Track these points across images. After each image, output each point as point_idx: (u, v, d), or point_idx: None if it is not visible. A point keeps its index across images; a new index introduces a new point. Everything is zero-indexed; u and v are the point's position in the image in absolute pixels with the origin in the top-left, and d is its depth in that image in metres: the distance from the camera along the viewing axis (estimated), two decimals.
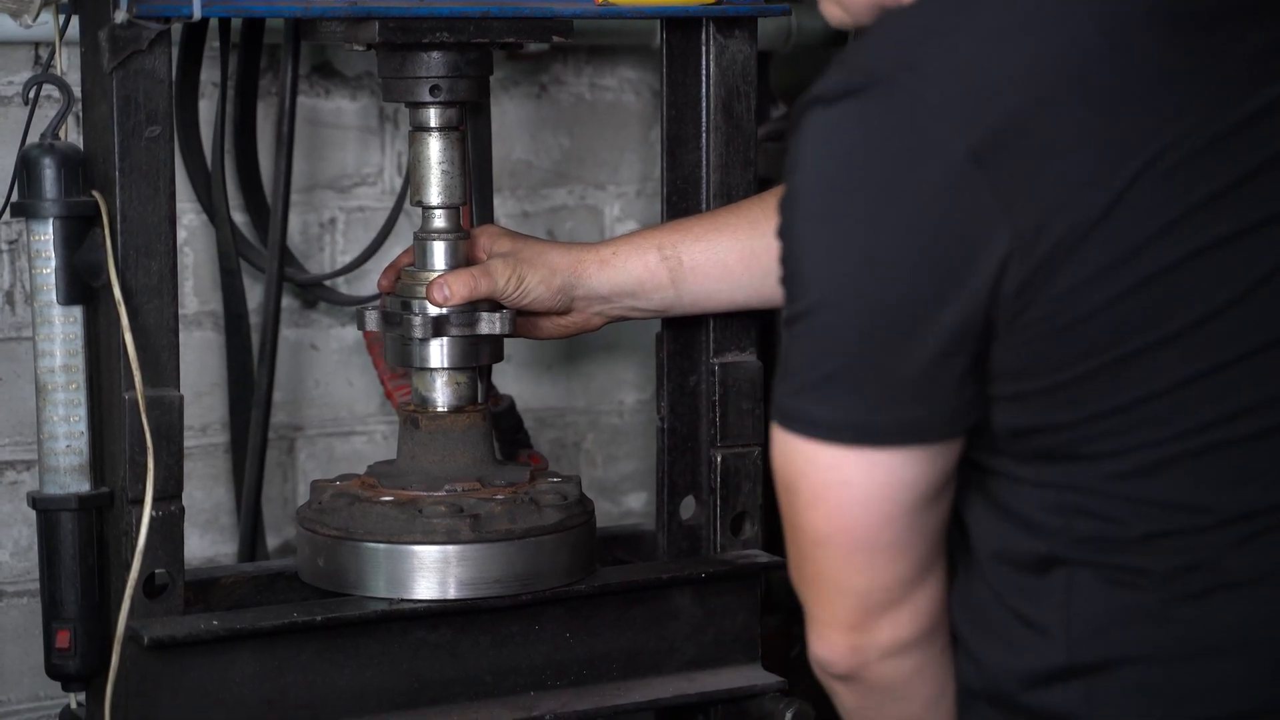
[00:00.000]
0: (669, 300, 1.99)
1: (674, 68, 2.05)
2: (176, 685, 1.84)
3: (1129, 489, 1.41)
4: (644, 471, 2.58)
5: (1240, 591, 1.41)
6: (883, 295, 1.38)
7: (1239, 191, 1.38)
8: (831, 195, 1.39)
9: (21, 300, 2.23)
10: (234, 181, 2.31)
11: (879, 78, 1.37)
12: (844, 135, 1.38)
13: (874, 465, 1.41)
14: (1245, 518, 1.41)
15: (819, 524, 1.44)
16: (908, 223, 1.37)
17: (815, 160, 1.40)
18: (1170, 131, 1.36)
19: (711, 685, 2.02)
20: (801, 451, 1.43)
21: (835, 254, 1.40)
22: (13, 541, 2.25)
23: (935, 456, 1.43)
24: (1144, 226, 1.36)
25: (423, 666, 1.93)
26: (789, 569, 1.51)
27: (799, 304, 1.42)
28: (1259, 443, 1.40)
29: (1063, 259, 1.36)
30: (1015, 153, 1.35)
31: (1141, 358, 1.38)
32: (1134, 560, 1.42)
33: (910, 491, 1.43)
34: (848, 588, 1.46)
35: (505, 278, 1.95)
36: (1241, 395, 1.39)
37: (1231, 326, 1.38)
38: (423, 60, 1.95)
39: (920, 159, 1.36)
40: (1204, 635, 1.41)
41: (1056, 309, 1.37)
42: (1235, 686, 1.42)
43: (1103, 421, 1.40)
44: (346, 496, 1.96)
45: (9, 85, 2.21)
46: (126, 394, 1.83)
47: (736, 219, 1.98)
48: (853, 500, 1.42)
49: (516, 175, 2.49)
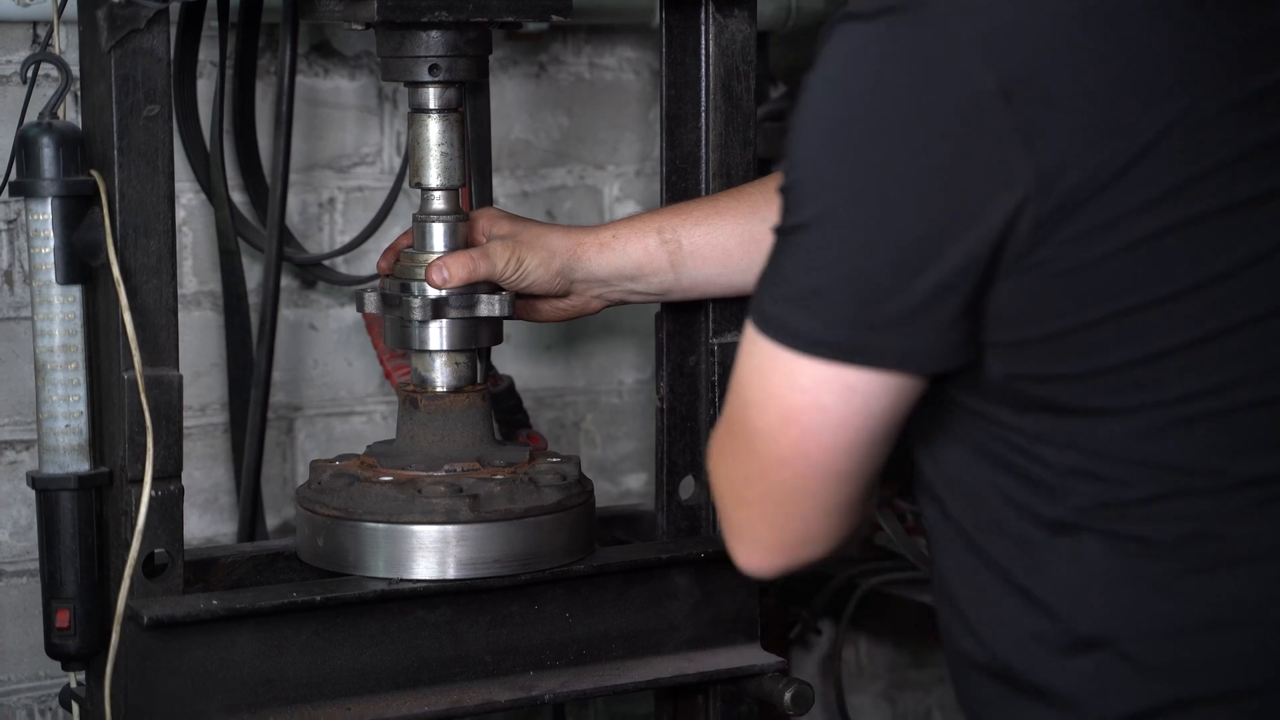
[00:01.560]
0: (668, 284, 1.99)
1: (673, 47, 2.05)
2: (176, 664, 1.84)
3: (1130, 450, 1.41)
4: (643, 451, 2.58)
5: (1247, 566, 1.41)
6: (894, 218, 1.37)
7: (1259, 156, 1.38)
8: (852, 111, 1.38)
9: (20, 280, 2.23)
10: (233, 161, 2.30)
11: (913, 2, 1.36)
12: (874, 52, 1.37)
13: (852, 390, 1.40)
14: (1252, 484, 1.41)
15: (782, 447, 1.43)
16: (930, 148, 1.36)
17: (840, 74, 1.38)
18: (1196, 90, 1.36)
19: (711, 665, 2.02)
20: (779, 367, 1.42)
21: (848, 169, 1.38)
22: (12, 521, 2.25)
23: (908, 391, 1.42)
24: (1164, 180, 1.36)
25: (422, 646, 1.93)
26: (720, 486, 1.51)
27: (799, 214, 1.40)
28: (1265, 409, 1.40)
29: (1080, 204, 1.35)
30: (1044, 92, 1.35)
31: (1146, 313, 1.38)
32: (1138, 527, 1.42)
33: (878, 422, 1.42)
34: (794, 511, 1.46)
35: (504, 260, 1.95)
36: (1249, 361, 1.39)
37: (1241, 290, 1.38)
38: (421, 39, 1.95)
39: (949, 86, 1.35)
40: (1210, 610, 1.41)
41: (1065, 253, 1.36)
42: (1242, 661, 1.41)
43: (1106, 377, 1.40)
44: (346, 476, 1.96)
45: (7, 64, 2.21)
46: (125, 374, 1.83)
47: (737, 203, 1.98)
48: (824, 424, 1.41)
49: (516, 155, 2.48)
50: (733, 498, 1.50)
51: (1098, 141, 1.35)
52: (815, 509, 1.46)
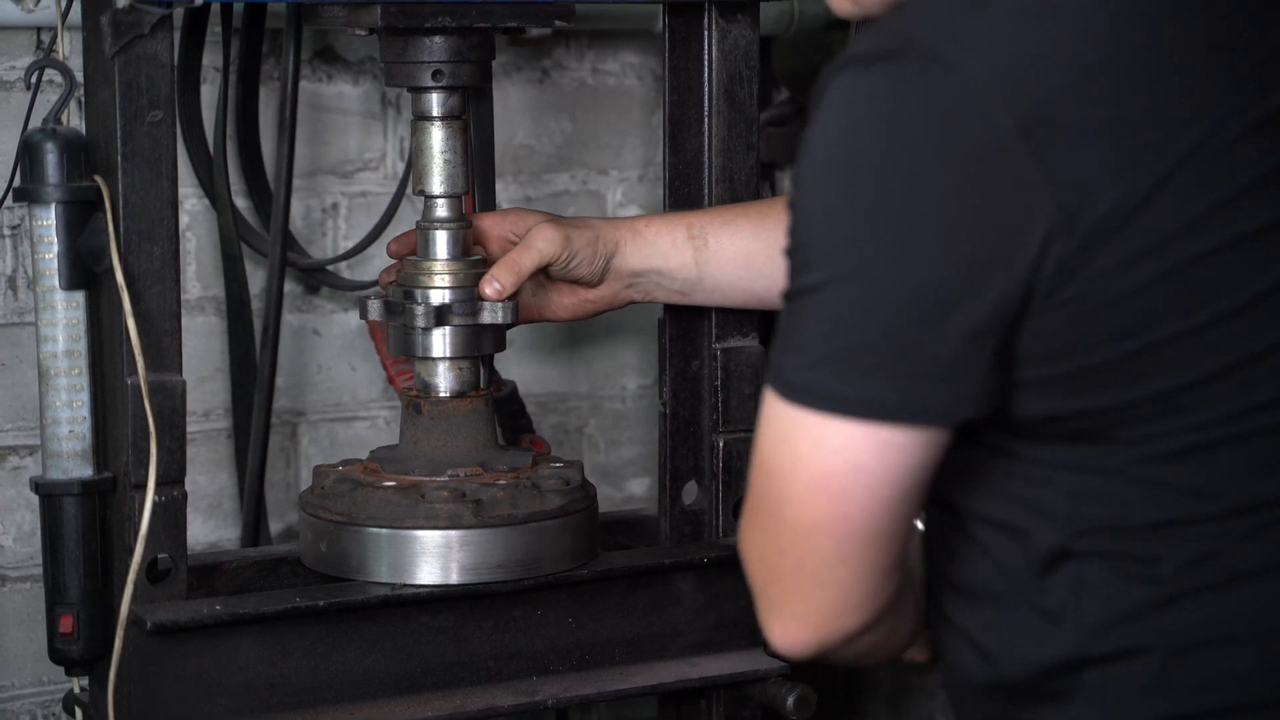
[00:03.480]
0: (691, 281, 1.98)
1: (676, 52, 2.05)
2: (179, 670, 1.84)
3: (1148, 473, 1.39)
4: (646, 456, 2.58)
5: (1251, 581, 1.40)
6: (922, 268, 1.32)
7: (1269, 184, 1.36)
8: (868, 161, 1.33)
9: (24, 285, 2.23)
10: (236, 167, 2.31)
11: (919, 45, 1.32)
12: (880, 100, 1.32)
13: (889, 447, 1.36)
14: (1260, 507, 1.40)
15: (815, 513, 1.38)
16: (954, 193, 1.31)
17: (845, 125, 1.33)
18: (1209, 119, 1.34)
19: (714, 670, 2.02)
20: (808, 433, 1.36)
21: (869, 221, 1.33)
22: (16, 526, 2.25)
23: (942, 440, 1.38)
24: (1183, 213, 1.34)
25: (425, 651, 1.93)
26: (750, 562, 1.45)
27: (813, 275, 1.35)
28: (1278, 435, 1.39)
29: (1103, 240, 1.33)
30: (1061, 129, 1.31)
31: (1172, 345, 1.36)
32: (1144, 549, 1.40)
33: (914, 476, 1.38)
34: (829, 580, 1.41)
35: (550, 241, 1.93)
36: (1269, 386, 1.38)
37: (1262, 318, 1.37)
38: (425, 45, 1.95)
39: (964, 129, 1.30)
40: (1215, 625, 1.40)
41: (1090, 290, 1.34)
42: (1247, 675, 1.41)
43: (1131, 409, 1.37)
44: (349, 482, 1.96)
45: (11, 70, 2.21)
46: (129, 379, 1.83)
47: (769, 210, 1.98)
48: (860, 485, 1.37)
49: (519, 160, 2.49)
50: (765, 574, 1.44)
51: (1117, 175, 1.32)
52: (852, 576, 1.41)
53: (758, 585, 1.46)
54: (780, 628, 1.45)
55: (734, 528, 2.08)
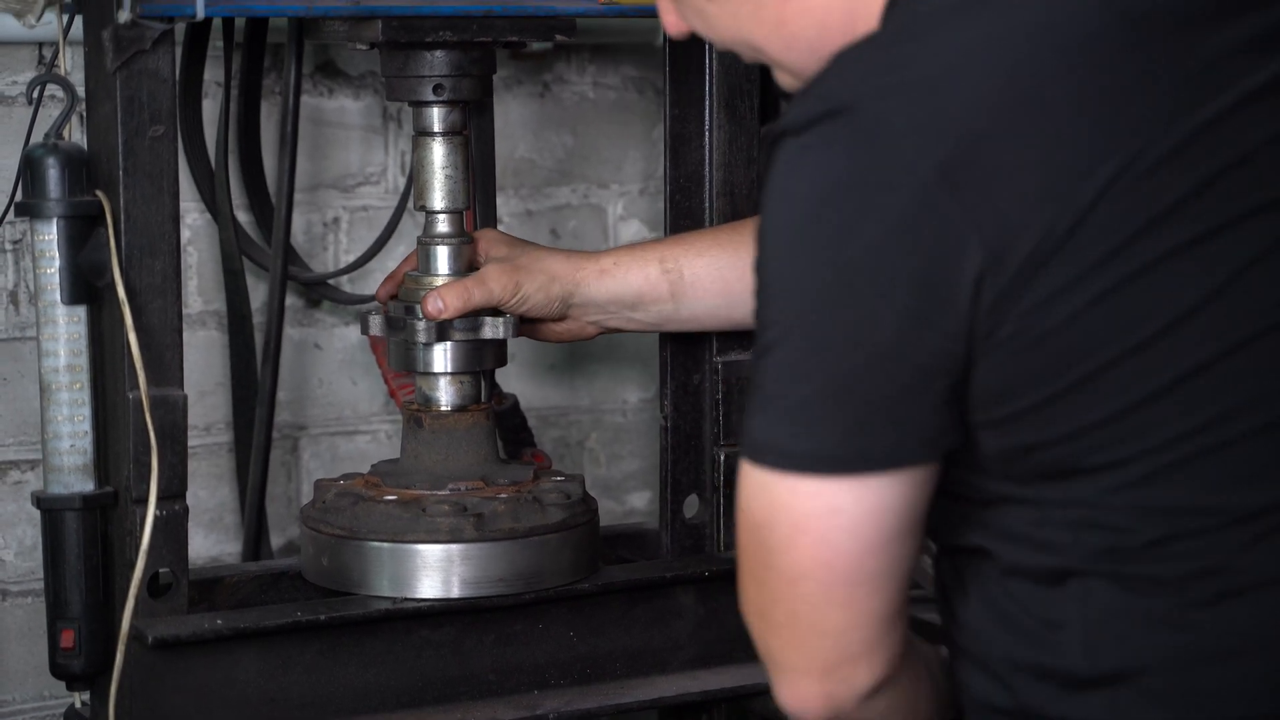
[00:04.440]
0: (666, 314, 1.99)
1: (677, 66, 2.05)
2: (180, 684, 1.84)
3: (1132, 498, 1.40)
4: (647, 470, 2.58)
5: (1255, 594, 1.41)
6: (864, 317, 1.36)
7: (1201, 197, 1.37)
8: (801, 222, 1.37)
9: (26, 300, 2.23)
10: (238, 181, 2.31)
11: (844, 105, 1.37)
12: (812, 163, 1.37)
13: (864, 489, 1.39)
14: (1252, 516, 1.40)
15: (798, 559, 1.40)
16: (886, 243, 1.35)
17: (784, 190, 1.38)
18: (1133, 142, 1.36)
19: (715, 683, 2.02)
20: (781, 484, 1.40)
21: (806, 279, 1.37)
22: (17, 541, 2.25)
23: (916, 481, 1.41)
24: (1109, 239, 1.36)
25: (426, 665, 1.93)
26: (750, 620, 1.47)
27: (769, 334, 1.40)
28: (1256, 440, 1.40)
29: (1031, 274, 1.35)
30: (980, 171, 1.35)
31: (1118, 367, 1.37)
32: (1146, 569, 1.41)
33: (895, 517, 1.40)
34: (825, 628, 1.43)
35: (501, 286, 1.95)
36: (1232, 393, 1.39)
37: (1204, 329, 1.38)
38: (426, 59, 1.95)
39: (890, 181, 1.35)
40: (1221, 639, 1.41)
41: (1027, 324, 1.36)
42: (1253, 689, 1.41)
43: (1094, 433, 1.39)
44: (350, 496, 1.96)
45: (13, 85, 2.22)
46: (130, 393, 1.83)
47: (740, 236, 1.97)
48: (838, 528, 1.39)
49: (520, 174, 2.49)
50: (764, 626, 1.46)
51: (1042, 208, 1.35)
52: (846, 622, 1.42)
53: (760, 641, 1.47)
54: (788, 686, 1.46)
55: (734, 541, 2.08)
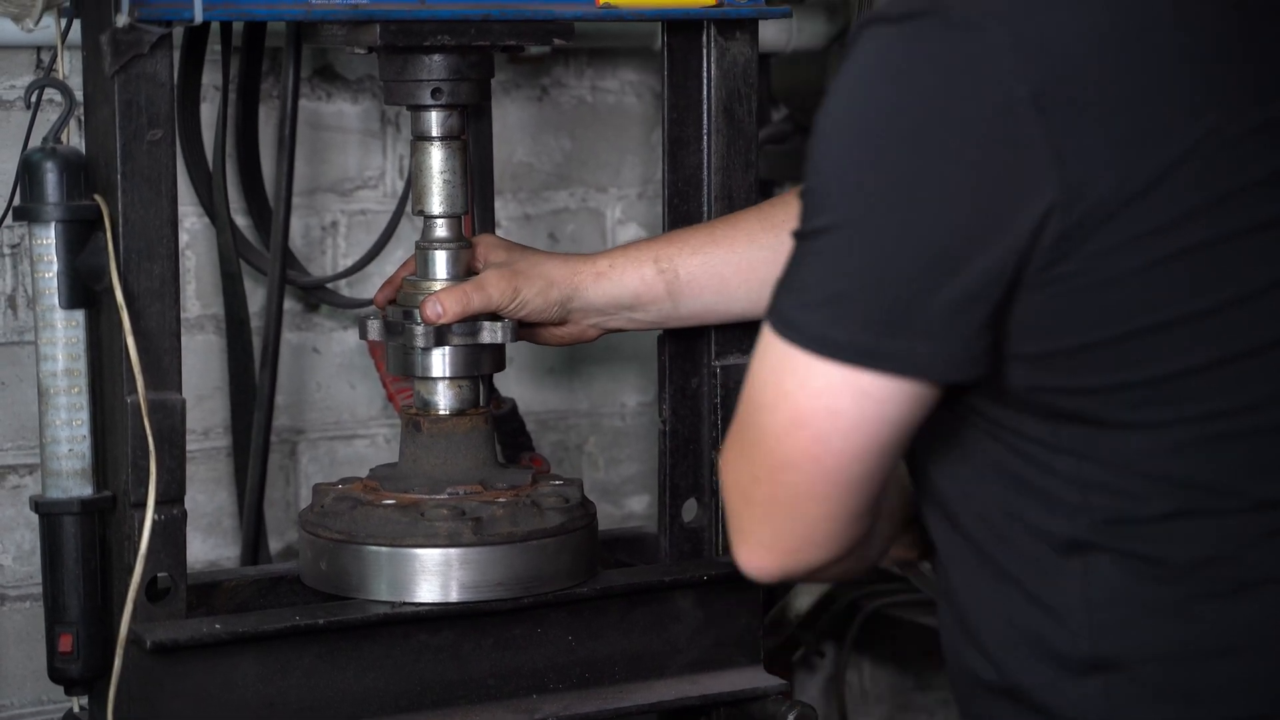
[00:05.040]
0: (665, 313, 1.99)
1: (675, 70, 2.05)
2: (179, 689, 1.84)
3: (1153, 465, 1.40)
4: (646, 474, 2.58)
5: (1261, 592, 1.41)
6: (921, 224, 1.35)
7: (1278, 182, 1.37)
8: (879, 114, 1.36)
9: (24, 304, 2.23)
10: (236, 185, 2.31)
11: (944, 6, 1.34)
12: (903, 55, 1.35)
13: (865, 395, 1.39)
14: (1271, 506, 1.40)
15: (791, 448, 1.42)
16: (958, 154, 1.34)
17: (866, 76, 1.36)
18: (1229, 106, 1.36)
19: (714, 688, 2.02)
20: (795, 370, 1.40)
21: (874, 174, 1.36)
22: (15, 545, 2.25)
23: (923, 398, 1.41)
24: (1189, 199, 1.35)
25: (425, 670, 1.93)
26: (728, 486, 1.49)
27: (820, 219, 1.38)
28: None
29: (1105, 219, 1.34)
30: (1075, 103, 1.33)
31: (1173, 329, 1.37)
32: (1154, 548, 1.41)
33: (891, 429, 1.41)
34: (799, 514, 1.45)
35: (499, 291, 1.94)
36: (1273, 382, 1.39)
37: (1265, 312, 1.38)
38: (424, 63, 1.95)
39: (980, 92, 1.33)
40: (1224, 635, 1.41)
41: (1091, 266, 1.35)
42: (1252, 687, 1.41)
43: (1132, 391, 1.39)
44: (349, 500, 1.96)
45: (11, 89, 2.22)
46: (129, 397, 1.83)
47: (734, 231, 1.97)
48: (835, 428, 1.40)
49: (518, 178, 2.49)
50: (739, 498, 1.49)
51: (1124, 156, 1.34)
52: (820, 514, 1.45)
53: (731, 509, 1.50)
54: (747, 552, 1.50)
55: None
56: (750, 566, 1.50)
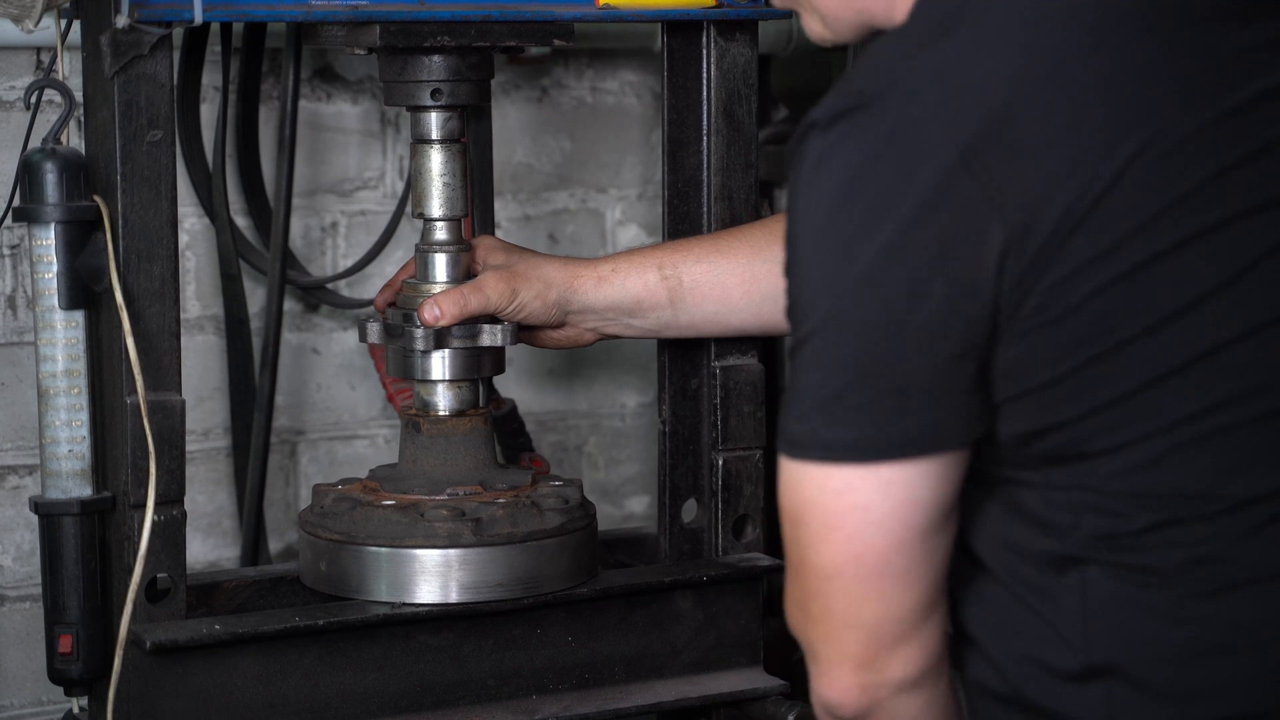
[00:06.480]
0: (665, 320, 1.99)
1: (675, 71, 2.05)
2: (179, 689, 1.84)
3: (1131, 483, 1.42)
4: (646, 475, 2.58)
5: (1252, 588, 1.42)
6: (888, 305, 1.38)
7: (1218, 185, 1.39)
8: (829, 216, 1.39)
9: (23, 305, 2.23)
10: (236, 185, 2.31)
11: (869, 98, 1.39)
12: (838, 157, 1.39)
13: (889, 484, 1.40)
14: (1249, 504, 1.41)
15: (830, 554, 1.43)
16: (905, 229, 1.37)
17: (812, 185, 1.40)
18: (1155, 122, 1.38)
19: (713, 688, 2.02)
20: (812, 479, 1.42)
21: (835, 272, 1.39)
22: (15, 546, 2.25)
23: (946, 471, 1.42)
24: (1130, 217, 1.37)
25: (425, 670, 1.93)
26: (790, 613, 1.49)
27: (803, 329, 1.41)
28: (1257, 428, 1.41)
29: (1054, 251, 1.37)
30: (1000, 150, 1.36)
31: (1132, 346, 1.39)
32: (1143, 557, 1.43)
33: (923, 512, 1.42)
34: (858, 621, 1.44)
35: (498, 293, 1.94)
36: (1240, 378, 1.40)
37: (1219, 313, 1.39)
38: (424, 64, 1.95)
39: (913, 169, 1.37)
40: (1219, 634, 1.42)
41: (1048, 301, 1.38)
42: (1249, 684, 1.42)
43: (1102, 415, 1.40)
44: (348, 500, 1.96)
45: (11, 90, 2.22)
46: (128, 398, 1.83)
47: (739, 242, 1.97)
48: (867, 523, 1.41)
49: (518, 179, 2.49)
50: (803, 620, 1.48)
51: (1062, 188, 1.37)
52: (879, 616, 1.44)
53: (799, 634, 1.49)
54: (825, 678, 1.47)
55: (733, 545, 2.08)
56: (831, 693, 1.47)
